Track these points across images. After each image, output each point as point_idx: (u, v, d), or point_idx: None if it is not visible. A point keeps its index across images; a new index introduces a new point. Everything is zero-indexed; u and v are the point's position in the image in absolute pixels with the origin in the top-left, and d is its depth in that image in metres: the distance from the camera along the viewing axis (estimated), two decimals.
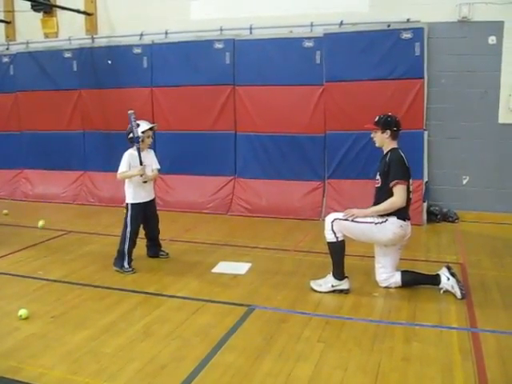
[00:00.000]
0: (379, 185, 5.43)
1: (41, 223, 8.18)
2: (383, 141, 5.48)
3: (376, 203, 5.41)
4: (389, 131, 5.42)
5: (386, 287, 5.46)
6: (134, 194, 6.26)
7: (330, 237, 5.35)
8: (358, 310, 4.97)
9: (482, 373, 3.77)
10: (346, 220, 5.30)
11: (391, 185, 5.22)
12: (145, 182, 6.21)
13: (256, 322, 4.72)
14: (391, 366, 3.89)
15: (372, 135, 5.57)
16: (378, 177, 5.47)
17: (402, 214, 5.28)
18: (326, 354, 4.09)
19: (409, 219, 5.43)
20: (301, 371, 3.83)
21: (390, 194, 5.24)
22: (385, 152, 5.50)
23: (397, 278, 5.44)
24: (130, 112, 6.12)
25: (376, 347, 4.19)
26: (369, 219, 5.29)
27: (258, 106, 9.26)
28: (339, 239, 5.32)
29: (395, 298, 5.23)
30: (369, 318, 4.76)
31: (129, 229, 6.21)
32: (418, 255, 6.66)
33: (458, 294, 5.17)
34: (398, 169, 5.27)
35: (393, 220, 5.25)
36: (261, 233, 8.00)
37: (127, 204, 6.29)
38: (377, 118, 5.54)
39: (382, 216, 5.27)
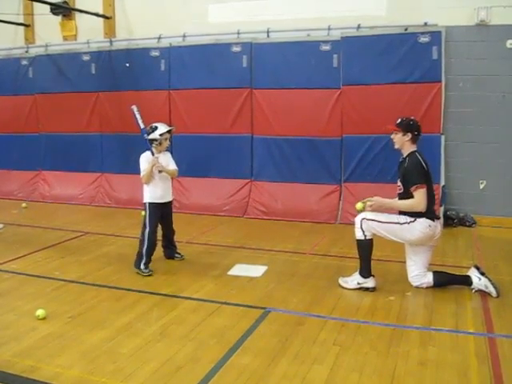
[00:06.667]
0: (401, 191, 5.48)
1: None
2: (403, 143, 5.50)
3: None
4: (410, 134, 5.45)
5: (417, 287, 5.50)
6: (150, 193, 6.26)
7: (358, 234, 5.46)
8: (373, 314, 4.95)
9: (498, 378, 3.74)
10: (372, 220, 5.37)
11: (412, 190, 5.27)
12: (160, 171, 6.16)
13: (272, 325, 4.72)
14: (407, 370, 3.88)
15: (392, 136, 5.57)
16: (398, 183, 5.52)
17: (430, 213, 5.34)
18: (342, 357, 4.08)
19: (438, 219, 5.50)
20: (316, 374, 3.82)
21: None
22: (404, 155, 5.54)
23: (429, 278, 5.48)
24: (133, 107, 6.23)
25: (392, 351, 4.17)
26: (394, 219, 5.37)
27: (274, 109, 9.27)
28: (367, 237, 5.41)
29: (411, 302, 5.22)
30: (385, 322, 4.74)
31: (148, 229, 6.22)
32: (434, 259, 6.57)
33: (494, 293, 5.22)
34: (416, 173, 5.32)
35: (421, 220, 5.29)
36: (277, 235, 8.00)
37: (145, 204, 6.32)
38: (399, 119, 5.55)
39: (411, 216, 5.32)
